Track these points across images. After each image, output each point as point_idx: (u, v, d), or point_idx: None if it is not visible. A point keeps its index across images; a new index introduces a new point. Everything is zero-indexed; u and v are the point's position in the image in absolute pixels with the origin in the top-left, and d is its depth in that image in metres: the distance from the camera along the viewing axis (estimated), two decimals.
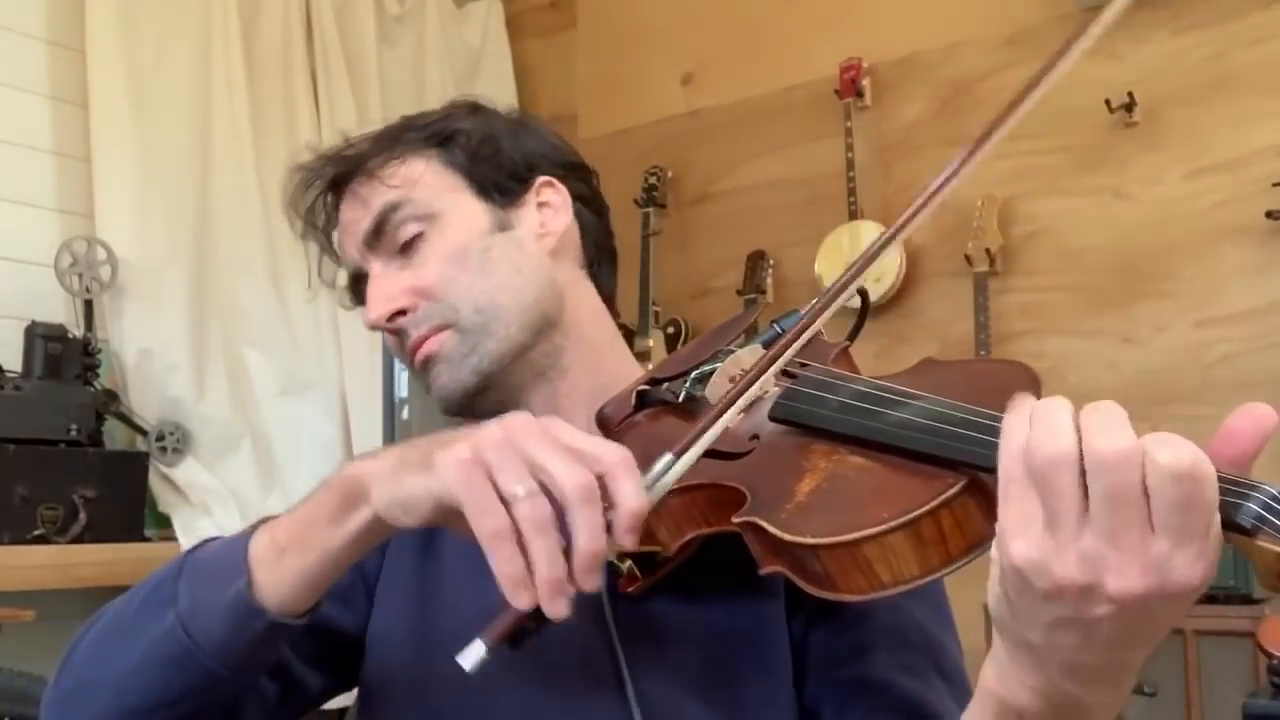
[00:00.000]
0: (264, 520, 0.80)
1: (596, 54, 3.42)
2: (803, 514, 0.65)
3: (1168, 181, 2.49)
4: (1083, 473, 0.53)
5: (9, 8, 2.49)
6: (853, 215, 2.82)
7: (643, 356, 3.01)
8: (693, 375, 0.85)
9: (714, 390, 0.82)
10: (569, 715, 0.81)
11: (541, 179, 0.97)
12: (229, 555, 0.77)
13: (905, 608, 0.80)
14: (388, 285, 0.92)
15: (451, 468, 0.64)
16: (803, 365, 0.80)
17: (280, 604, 0.74)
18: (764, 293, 2.89)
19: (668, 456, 0.66)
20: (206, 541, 0.85)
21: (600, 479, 0.63)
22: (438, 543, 0.92)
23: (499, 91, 3.44)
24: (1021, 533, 0.54)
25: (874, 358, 2.74)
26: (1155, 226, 2.50)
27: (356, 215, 0.95)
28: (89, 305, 2.41)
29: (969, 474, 0.61)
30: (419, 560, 0.92)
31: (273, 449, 2.70)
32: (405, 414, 2.62)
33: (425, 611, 0.89)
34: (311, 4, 2.98)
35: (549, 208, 0.97)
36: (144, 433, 2.48)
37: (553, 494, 0.63)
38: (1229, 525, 0.52)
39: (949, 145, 2.80)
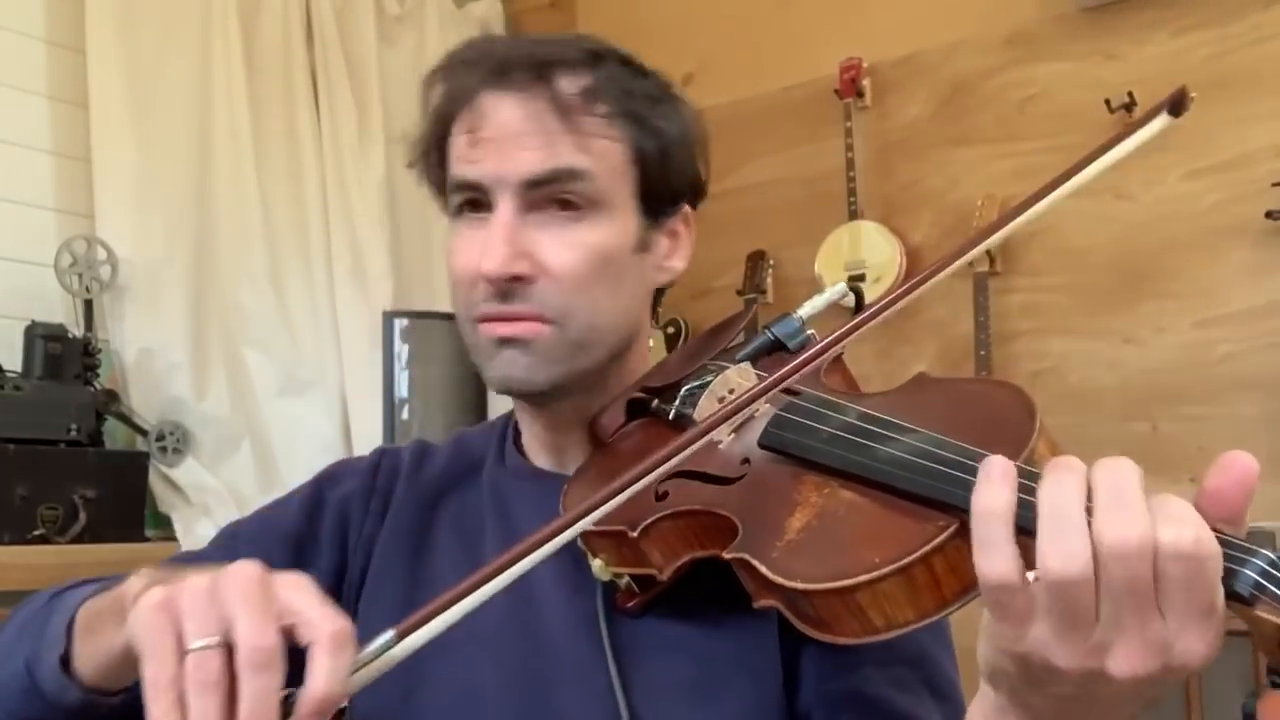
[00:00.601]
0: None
1: None
2: (793, 554, 0.64)
3: (1168, 181, 2.49)
4: (1097, 565, 0.51)
5: (9, 8, 2.49)
6: (853, 215, 2.83)
7: None
8: (682, 392, 0.83)
9: (702, 411, 0.80)
10: None
11: (685, 209, 0.93)
12: (62, 615, 0.76)
13: None
14: (519, 241, 0.82)
15: (142, 611, 0.59)
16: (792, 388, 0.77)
17: (92, 679, 0.73)
18: (764, 292, 2.89)
19: (388, 635, 0.61)
20: (80, 584, 0.84)
21: (303, 643, 0.58)
22: (428, 549, 0.91)
23: None
24: (1026, 624, 0.53)
25: (874, 358, 2.74)
26: (1155, 226, 2.50)
27: (527, 145, 0.83)
28: (89, 305, 2.41)
29: (960, 516, 0.59)
30: (409, 566, 0.91)
31: (273, 449, 2.70)
32: (405, 414, 2.62)
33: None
34: (311, 4, 2.98)
35: (677, 241, 0.93)
36: (144, 433, 2.48)
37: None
38: (1226, 593, 0.51)
39: (949, 145, 2.80)
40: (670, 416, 0.83)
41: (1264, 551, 0.52)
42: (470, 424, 2.60)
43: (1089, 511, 0.52)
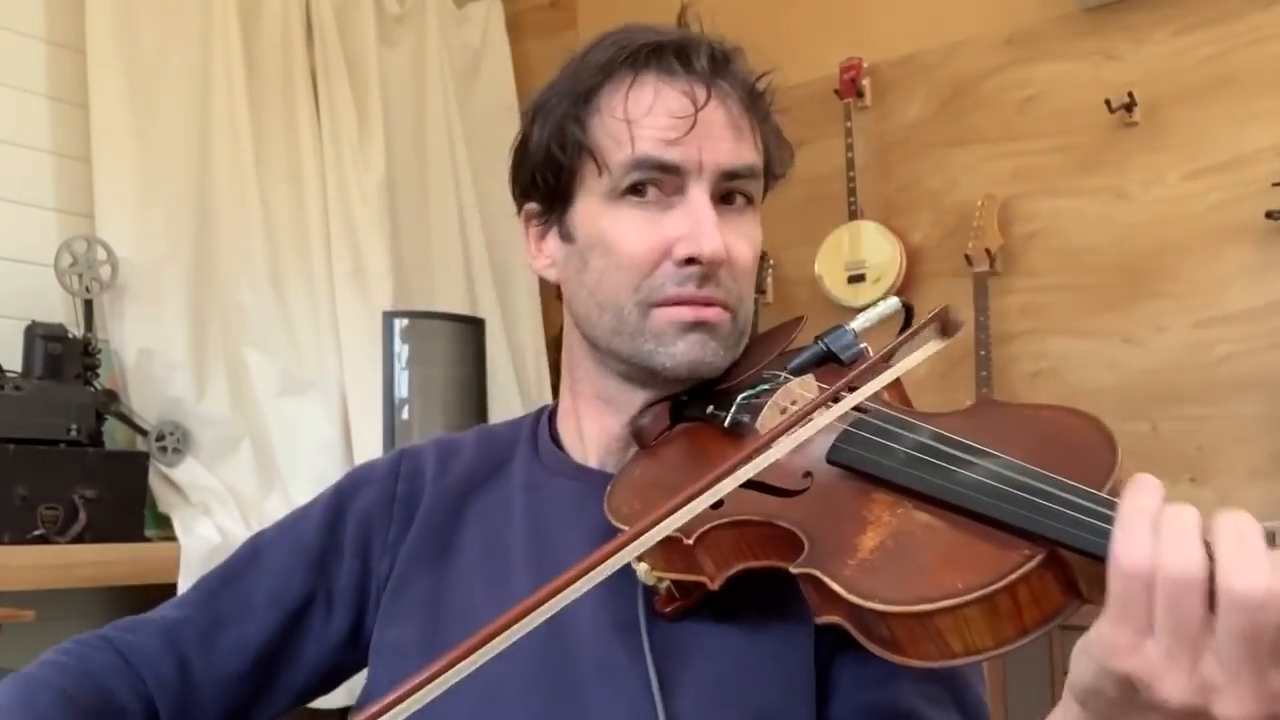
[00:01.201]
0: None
1: None
2: (869, 574, 0.63)
3: (1168, 181, 2.49)
4: (1211, 599, 0.51)
5: (9, 8, 2.49)
6: (853, 215, 2.83)
7: None
8: (739, 400, 0.83)
9: (765, 422, 0.79)
10: None
11: None
12: None
13: None
14: (719, 228, 0.85)
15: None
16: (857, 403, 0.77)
17: None
18: (764, 293, 2.89)
19: None
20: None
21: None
22: (451, 554, 0.91)
23: (499, 92, 3.44)
24: (1133, 650, 0.52)
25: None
26: (1155, 226, 2.50)
27: (726, 136, 0.86)
28: (89, 305, 2.40)
29: (1048, 547, 0.58)
30: (433, 570, 0.91)
31: (273, 449, 2.70)
32: (405, 414, 2.62)
33: (437, 622, 0.88)
34: (311, 4, 2.98)
35: None
36: (144, 433, 2.48)
37: None
38: None
39: (949, 145, 2.80)
40: (726, 424, 0.82)
41: None
42: (470, 424, 2.61)
43: (1211, 558, 0.51)
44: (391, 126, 3.06)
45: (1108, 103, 2.49)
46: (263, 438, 2.69)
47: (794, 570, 0.66)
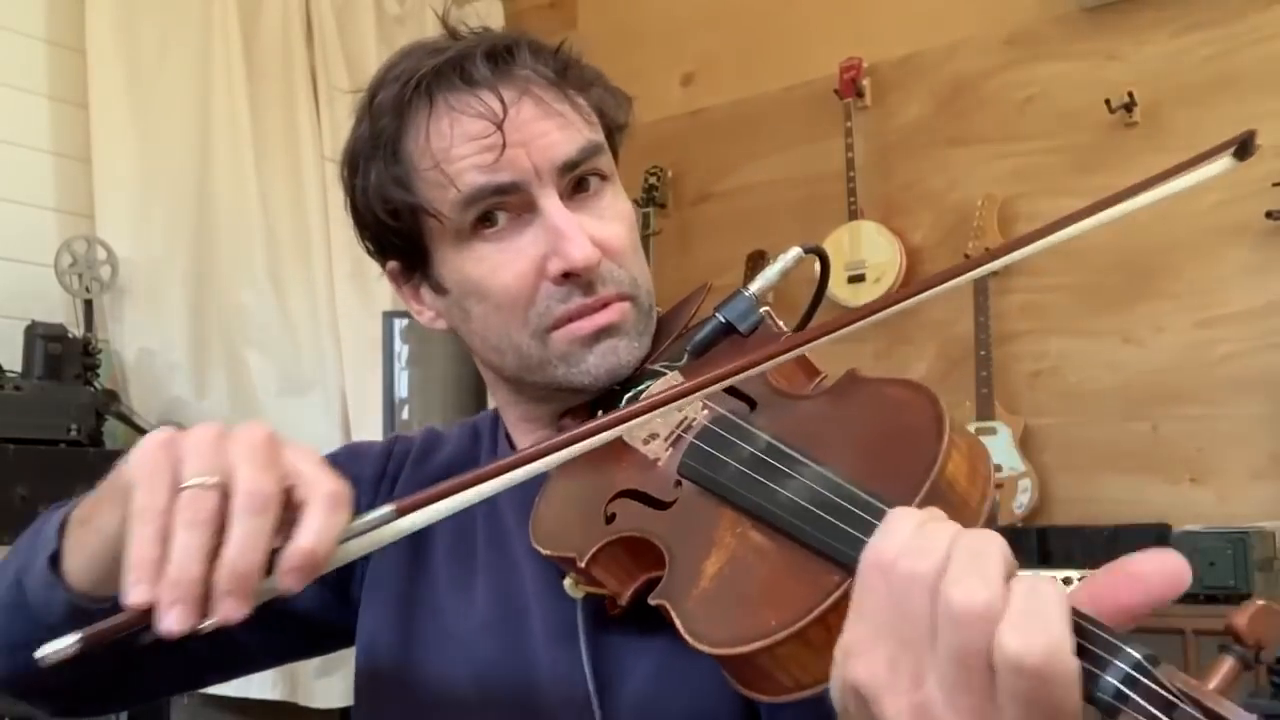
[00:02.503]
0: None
1: (596, 54, 3.40)
2: (704, 608, 0.62)
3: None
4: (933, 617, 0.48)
5: (9, 8, 2.49)
6: (853, 215, 2.83)
7: None
8: (625, 399, 0.80)
9: (635, 432, 0.76)
10: None
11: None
12: (58, 516, 0.73)
13: None
14: (583, 227, 0.79)
15: (143, 447, 0.58)
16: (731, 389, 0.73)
17: (77, 580, 0.69)
18: None
19: (386, 509, 0.59)
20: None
21: (298, 504, 0.56)
22: (427, 547, 0.91)
23: None
24: (863, 654, 0.50)
25: (874, 358, 2.74)
26: (1155, 226, 2.50)
27: (548, 129, 0.79)
28: (89, 305, 2.41)
29: (851, 574, 0.55)
30: (407, 562, 0.90)
31: None
32: (405, 414, 2.62)
33: (411, 615, 0.88)
34: (311, 4, 2.98)
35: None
36: (144, 432, 2.48)
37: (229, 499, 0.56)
38: (1087, 698, 0.45)
39: (949, 145, 2.80)
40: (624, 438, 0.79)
41: (1129, 651, 0.45)
42: None
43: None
44: None
45: (1108, 103, 2.49)
46: None
47: (652, 602, 0.65)
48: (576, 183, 0.81)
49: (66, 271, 2.38)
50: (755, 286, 0.82)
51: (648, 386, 0.80)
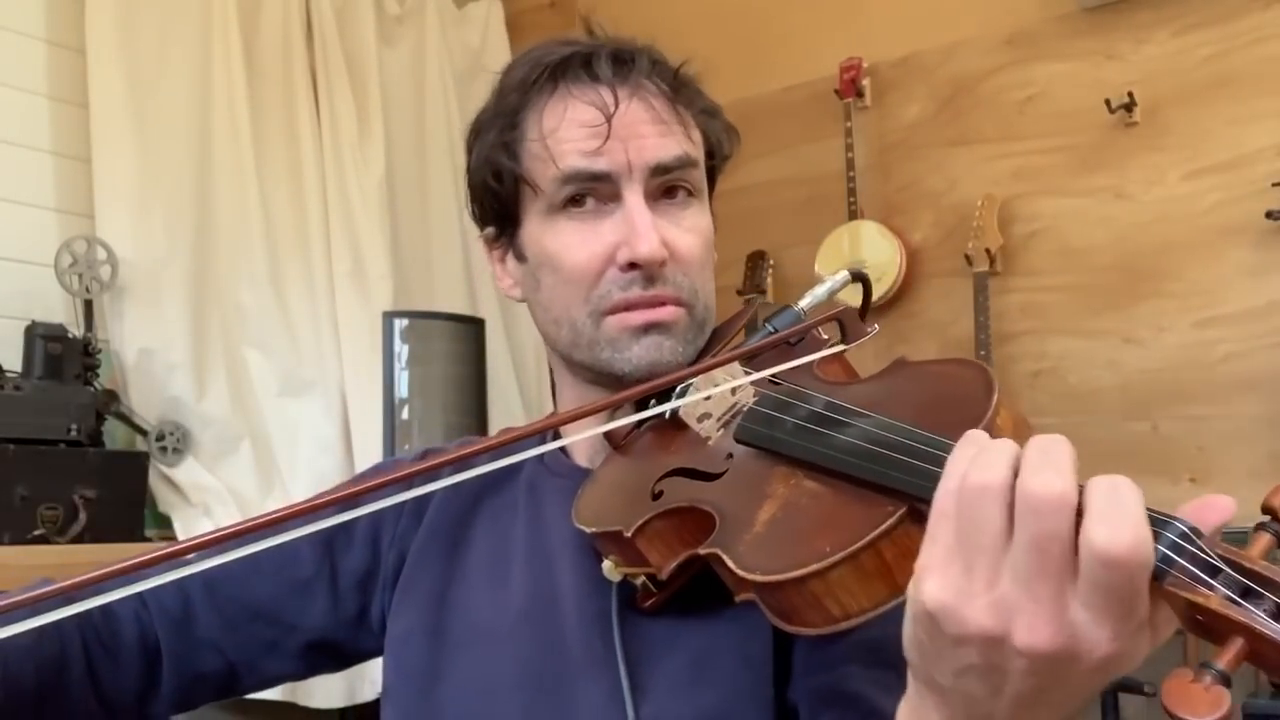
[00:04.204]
0: None
1: None
2: (758, 547, 0.65)
3: (1168, 181, 2.49)
4: (1010, 514, 0.50)
5: (9, 8, 2.49)
6: (853, 215, 2.83)
7: None
8: (676, 391, 0.84)
9: (689, 407, 0.81)
10: None
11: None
12: None
13: (887, 623, 0.79)
14: (657, 227, 0.86)
15: None
16: (775, 380, 0.79)
17: None
18: (764, 292, 2.89)
19: None
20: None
21: None
22: (460, 551, 0.93)
23: None
24: (938, 571, 0.52)
25: (874, 358, 2.73)
26: (1155, 226, 2.50)
27: (649, 133, 0.87)
28: (89, 305, 2.40)
29: (908, 503, 0.59)
30: (445, 560, 0.93)
31: (273, 449, 2.70)
32: (405, 414, 2.62)
33: (442, 612, 0.91)
34: (311, 4, 2.98)
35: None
36: (144, 433, 2.48)
37: None
38: None
39: (949, 145, 2.80)
40: (668, 415, 0.84)
41: (1177, 524, 0.49)
42: (470, 424, 2.61)
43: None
44: (391, 126, 3.07)
45: (1108, 103, 2.49)
46: (263, 438, 2.69)
47: (702, 552, 0.68)
48: (666, 189, 0.88)
49: (66, 271, 2.38)
50: (804, 303, 0.89)
51: (694, 382, 0.84)
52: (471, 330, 2.76)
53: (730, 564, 0.64)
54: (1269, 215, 2.33)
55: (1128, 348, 2.52)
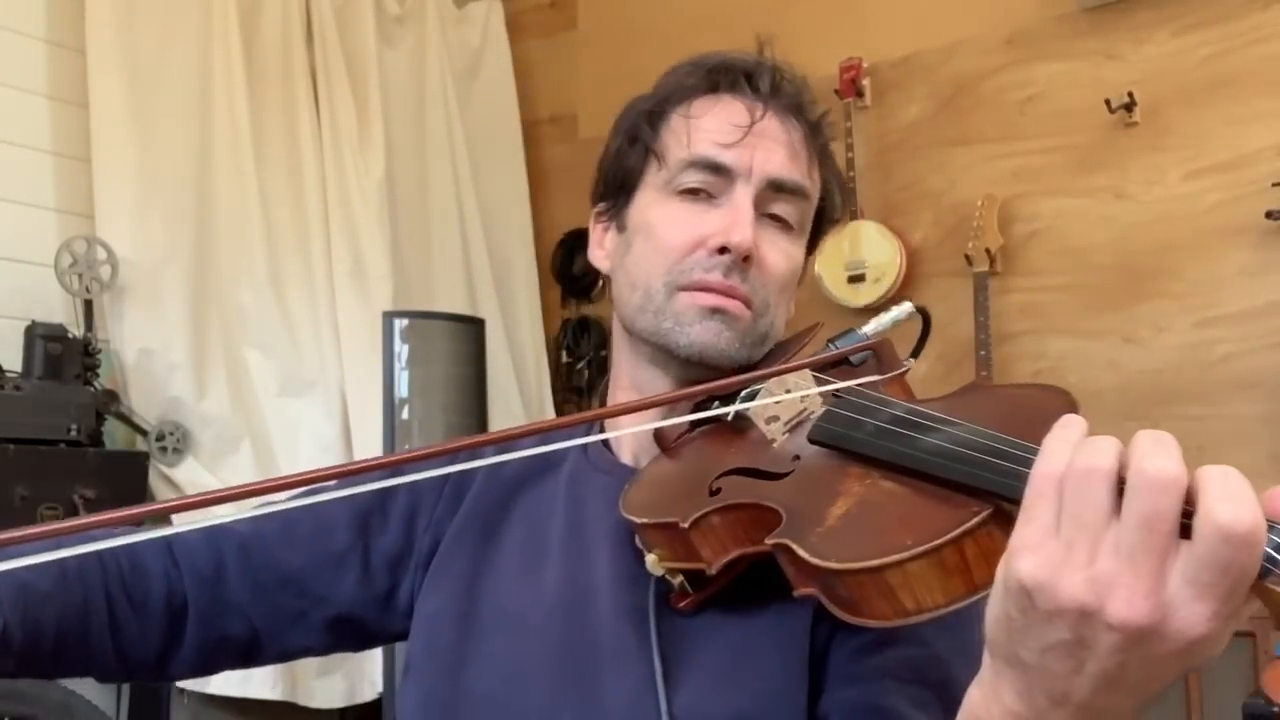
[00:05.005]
0: None
1: (596, 54, 3.42)
2: (831, 538, 0.65)
3: (1168, 181, 2.49)
4: (1116, 496, 0.53)
5: (9, 8, 2.49)
6: (853, 215, 2.83)
7: None
8: (742, 394, 0.86)
9: (759, 410, 0.83)
10: (597, 715, 0.83)
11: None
12: None
13: (928, 640, 0.80)
14: (754, 230, 0.91)
15: None
16: (839, 395, 0.80)
17: None
18: None
19: None
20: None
21: None
22: (495, 539, 0.94)
23: (499, 92, 3.44)
24: (1035, 548, 0.54)
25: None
26: (1155, 226, 2.50)
27: (779, 149, 0.93)
28: (89, 305, 2.41)
29: (995, 503, 0.61)
30: (479, 547, 0.94)
31: (273, 449, 2.70)
32: (405, 414, 2.62)
33: (473, 596, 0.91)
34: (311, 4, 2.98)
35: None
36: (144, 433, 2.48)
37: None
38: None
39: (949, 145, 2.80)
40: (729, 418, 0.86)
41: None
42: (470, 424, 2.61)
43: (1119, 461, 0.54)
44: (391, 126, 3.07)
45: (1108, 103, 2.49)
46: (263, 438, 2.69)
47: (769, 542, 0.69)
48: (772, 215, 0.93)
49: (66, 271, 2.38)
50: (869, 327, 0.93)
51: (765, 385, 0.87)
52: (471, 330, 2.76)
53: (802, 553, 0.65)
54: (1269, 215, 2.33)
55: (1128, 348, 2.52)
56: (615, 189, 0.98)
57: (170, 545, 0.93)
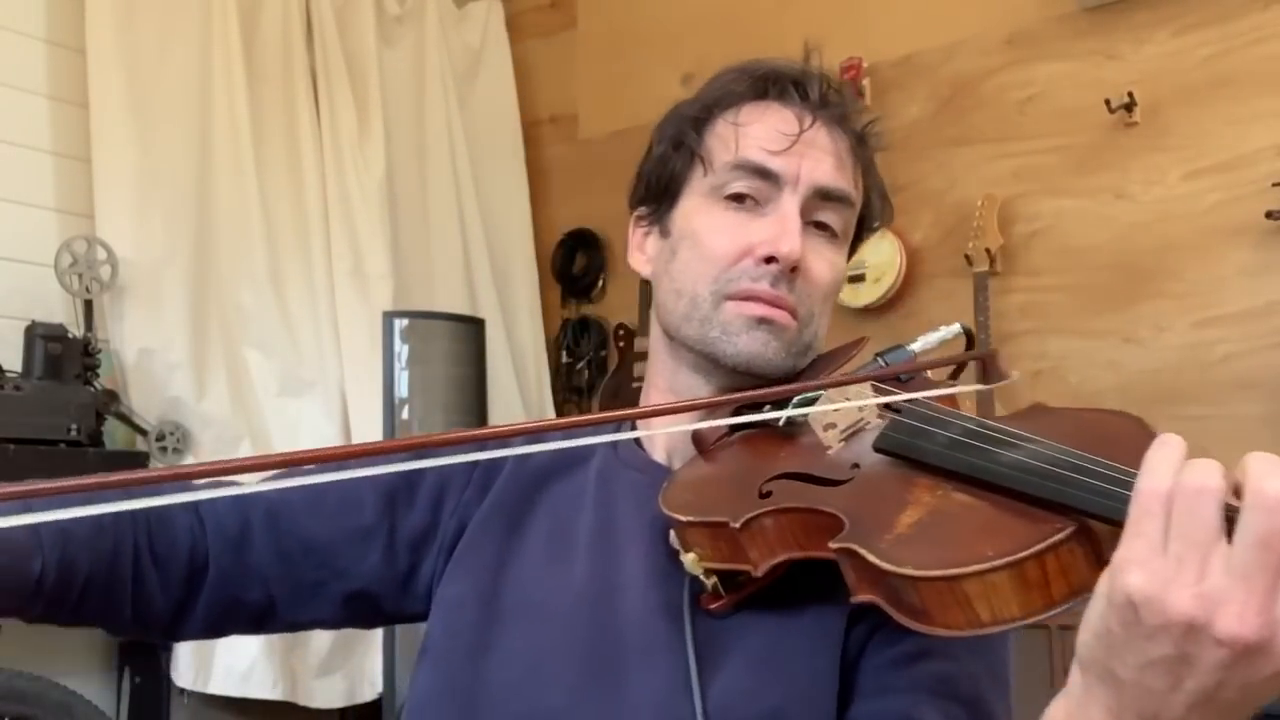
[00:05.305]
0: None
1: (596, 54, 3.42)
2: (903, 545, 0.65)
3: (1168, 181, 2.49)
4: (1226, 513, 0.54)
5: (9, 8, 2.49)
6: None
7: (642, 356, 3.01)
8: (795, 400, 0.85)
9: (817, 416, 0.83)
10: (623, 711, 0.82)
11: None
12: None
13: (961, 658, 0.80)
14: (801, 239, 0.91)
15: None
16: (892, 407, 0.80)
17: None
18: None
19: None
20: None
21: None
22: (521, 529, 0.94)
23: (499, 92, 3.44)
24: (1143, 563, 0.54)
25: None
26: (1155, 226, 2.50)
27: (826, 158, 0.93)
28: (89, 305, 2.41)
29: (1079, 520, 0.61)
30: (505, 536, 0.94)
31: (273, 449, 2.70)
32: (405, 414, 2.62)
33: (497, 584, 0.91)
34: (311, 4, 2.98)
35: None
36: (144, 432, 2.48)
37: None
38: None
39: (949, 145, 2.80)
40: (781, 422, 0.85)
41: None
42: (471, 424, 2.61)
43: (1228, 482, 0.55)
44: (391, 126, 3.07)
45: (1108, 103, 2.49)
46: (263, 438, 2.69)
47: (832, 546, 0.68)
48: (817, 223, 0.93)
49: (66, 271, 2.38)
50: (917, 345, 0.93)
51: (824, 393, 0.87)
52: (471, 330, 2.76)
53: (871, 558, 0.65)
54: (1269, 215, 2.33)
55: (1127, 348, 2.52)
56: (658, 193, 0.98)
57: (197, 505, 0.93)
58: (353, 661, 2.69)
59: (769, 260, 0.89)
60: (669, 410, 0.88)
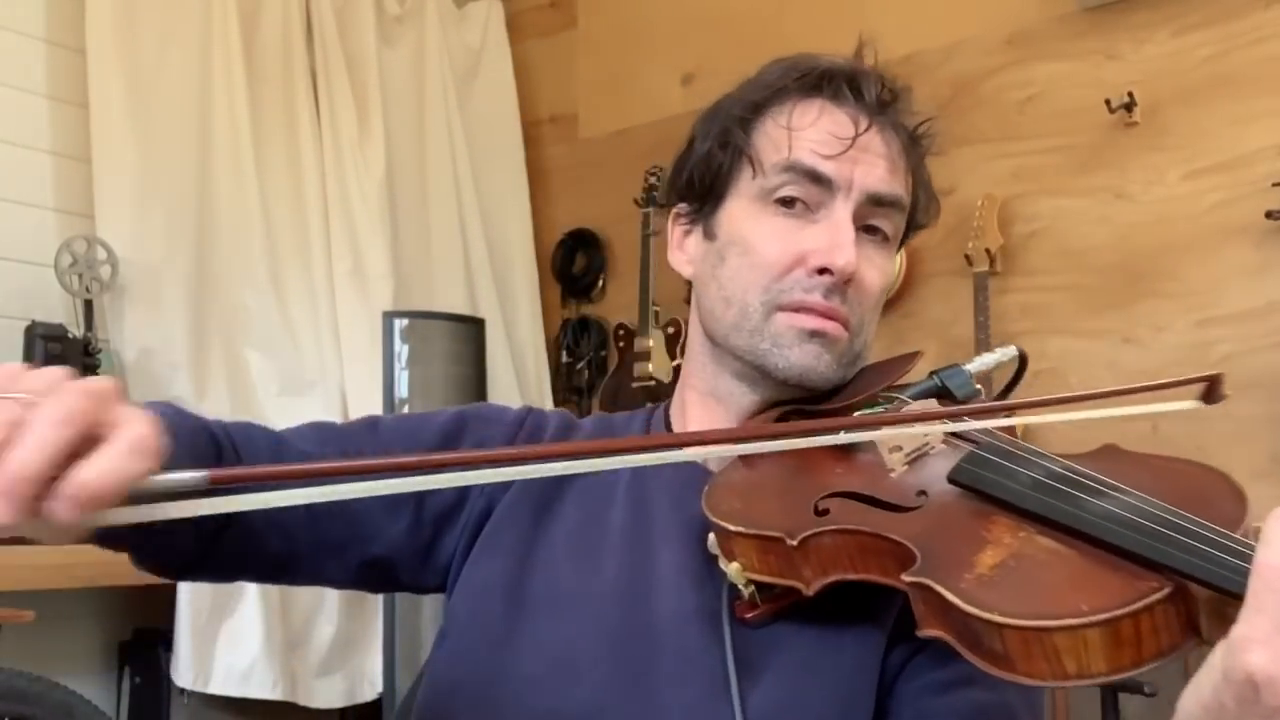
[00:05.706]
0: None
1: (596, 54, 3.42)
2: (987, 587, 0.63)
3: (1168, 181, 2.49)
4: None
5: (9, 8, 2.49)
6: None
7: (642, 356, 3.01)
8: (854, 415, 0.84)
9: (883, 438, 0.80)
10: (654, 714, 0.81)
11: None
12: None
13: (1005, 690, 0.78)
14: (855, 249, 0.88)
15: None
16: (954, 435, 0.79)
17: None
18: None
19: (197, 475, 0.52)
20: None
21: (99, 440, 0.52)
22: (549, 516, 0.93)
23: (499, 91, 3.44)
24: (1265, 642, 0.53)
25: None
26: (1155, 226, 2.50)
27: (880, 163, 0.91)
28: (89, 305, 2.41)
29: (1175, 580, 0.59)
30: (531, 522, 0.92)
31: None
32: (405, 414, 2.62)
33: (524, 572, 0.90)
34: (311, 4, 2.98)
35: None
36: None
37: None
38: None
39: (949, 145, 2.79)
40: (856, 440, 0.83)
41: None
42: None
43: None
44: (391, 126, 3.07)
45: (1108, 103, 2.49)
46: None
47: (906, 579, 0.66)
48: (868, 227, 0.91)
49: (66, 271, 2.38)
50: (974, 365, 0.92)
51: (885, 408, 0.86)
52: (471, 330, 2.76)
53: (952, 598, 0.63)
54: (1269, 215, 2.33)
55: (1127, 348, 2.52)
56: (702, 192, 0.95)
57: (237, 450, 0.91)
58: (353, 661, 2.69)
59: (822, 271, 0.87)
60: (726, 438, 0.83)
